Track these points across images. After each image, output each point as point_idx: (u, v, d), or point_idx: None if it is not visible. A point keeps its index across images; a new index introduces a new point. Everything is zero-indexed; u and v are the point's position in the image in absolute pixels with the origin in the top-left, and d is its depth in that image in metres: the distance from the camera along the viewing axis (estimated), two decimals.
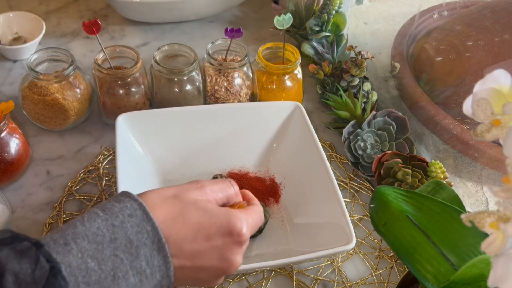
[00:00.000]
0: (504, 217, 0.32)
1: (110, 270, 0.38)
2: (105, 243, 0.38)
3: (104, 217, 0.40)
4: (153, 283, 0.40)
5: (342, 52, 0.88)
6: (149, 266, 0.40)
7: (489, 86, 0.35)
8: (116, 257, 0.38)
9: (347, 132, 0.78)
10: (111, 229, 0.39)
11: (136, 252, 0.39)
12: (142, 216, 0.40)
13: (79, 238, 0.38)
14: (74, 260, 0.37)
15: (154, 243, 0.40)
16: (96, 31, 0.72)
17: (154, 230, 0.40)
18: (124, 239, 0.39)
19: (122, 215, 0.40)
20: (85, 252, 0.38)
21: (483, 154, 0.75)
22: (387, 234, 0.49)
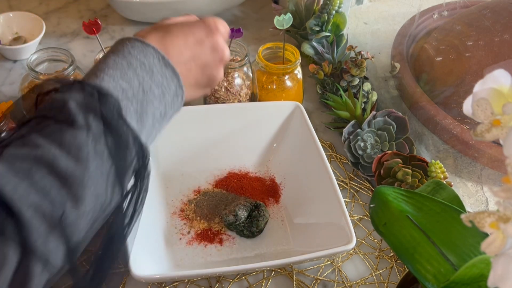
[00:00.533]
0: (504, 217, 0.32)
1: (138, 86, 0.46)
2: (125, 68, 0.46)
3: (113, 54, 0.47)
4: (171, 94, 0.49)
5: (342, 52, 0.88)
6: (164, 79, 0.48)
7: (489, 86, 0.35)
8: (138, 76, 0.46)
9: (347, 132, 0.78)
10: (124, 59, 0.47)
11: (151, 70, 0.47)
12: (141, 44, 0.48)
13: (104, 70, 0.45)
14: (110, 84, 0.44)
15: (160, 60, 0.48)
16: (96, 31, 0.72)
17: (155, 50, 0.48)
18: (138, 63, 0.47)
19: (127, 48, 0.48)
20: (114, 76, 0.45)
21: (483, 154, 0.75)
22: (387, 234, 0.49)
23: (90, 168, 0.40)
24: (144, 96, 0.46)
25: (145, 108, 0.46)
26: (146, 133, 0.46)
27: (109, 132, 0.42)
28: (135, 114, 0.45)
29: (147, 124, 0.46)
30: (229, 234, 0.69)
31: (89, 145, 0.40)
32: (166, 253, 0.66)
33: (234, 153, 0.77)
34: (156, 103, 0.47)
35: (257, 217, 0.68)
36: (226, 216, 0.68)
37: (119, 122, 0.43)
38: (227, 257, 0.66)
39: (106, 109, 0.42)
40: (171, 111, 0.50)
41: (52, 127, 0.40)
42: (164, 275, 0.61)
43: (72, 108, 0.41)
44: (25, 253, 0.36)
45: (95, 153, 0.40)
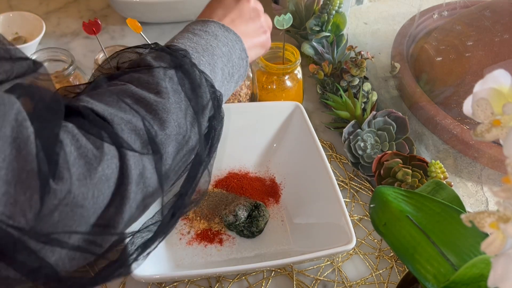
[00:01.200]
0: (504, 217, 0.32)
1: (206, 43, 0.51)
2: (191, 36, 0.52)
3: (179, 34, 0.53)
4: (237, 55, 0.54)
5: (342, 52, 0.88)
6: (229, 40, 0.53)
7: (489, 86, 0.35)
8: (203, 38, 0.52)
9: (347, 132, 0.78)
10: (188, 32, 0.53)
11: (215, 34, 0.53)
12: (202, 21, 0.54)
13: (172, 41, 0.52)
14: (181, 45, 0.50)
15: (221, 27, 0.54)
16: (96, 31, 0.72)
17: (215, 22, 0.54)
18: (201, 32, 0.53)
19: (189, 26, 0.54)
20: (183, 43, 0.51)
21: (483, 154, 0.75)
22: (387, 234, 0.49)
23: (170, 98, 0.45)
24: (213, 50, 0.51)
25: (215, 61, 0.51)
26: (218, 85, 0.51)
27: (184, 75, 0.47)
28: (208, 65, 0.50)
29: (218, 77, 0.51)
30: (229, 234, 0.69)
31: (166, 81, 0.46)
32: (166, 253, 0.66)
33: (234, 153, 0.77)
34: (225, 60, 0.52)
35: (257, 217, 0.68)
36: (226, 216, 0.68)
37: (191, 67, 0.48)
38: (227, 257, 0.66)
39: (177, 57, 0.48)
40: (237, 74, 0.54)
41: (131, 73, 0.46)
42: (164, 275, 0.61)
43: (147, 59, 0.47)
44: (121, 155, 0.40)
45: (173, 90, 0.46)
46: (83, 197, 0.37)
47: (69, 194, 0.37)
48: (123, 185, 0.40)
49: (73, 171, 0.37)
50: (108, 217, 0.40)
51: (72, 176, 0.37)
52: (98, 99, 0.42)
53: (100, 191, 0.39)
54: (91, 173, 0.38)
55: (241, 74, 0.55)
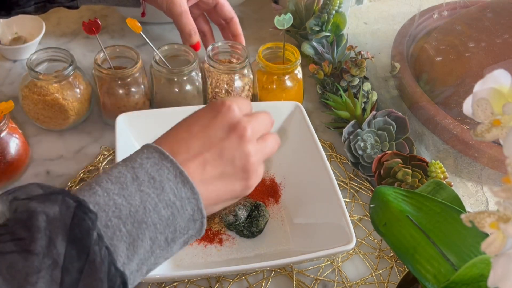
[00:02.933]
0: (504, 217, 0.32)
1: (139, 203, 0.39)
2: (128, 182, 0.40)
3: (123, 164, 0.42)
4: (185, 218, 0.41)
5: (342, 52, 0.88)
6: (178, 199, 0.41)
7: (489, 86, 0.35)
8: (142, 192, 0.40)
9: (347, 132, 0.78)
10: (131, 171, 0.41)
11: (161, 187, 0.40)
12: (159, 156, 0.42)
13: (102, 182, 0.40)
14: (101, 199, 0.38)
15: (177, 176, 0.41)
16: (96, 31, 0.72)
17: (173, 165, 0.41)
18: (146, 177, 0.40)
19: (140, 158, 0.42)
20: (110, 191, 0.39)
21: (483, 154, 0.75)
22: (387, 234, 0.49)
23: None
24: (144, 217, 0.39)
25: (143, 231, 0.39)
26: (139, 260, 0.40)
27: (77, 255, 0.36)
28: (127, 237, 0.38)
29: (141, 250, 0.39)
30: (229, 234, 0.69)
31: (42, 271, 0.34)
32: None
33: None
34: (161, 226, 0.40)
35: (257, 217, 0.68)
36: (226, 216, 0.68)
37: (91, 246, 0.36)
38: (227, 257, 0.66)
39: (79, 227, 0.36)
40: (183, 237, 0.42)
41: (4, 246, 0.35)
42: (164, 275, 0.61)
43: (37, 224, 0.35)
44: None
45: (50, 281, 0.34)
46: None
47: None
48: None
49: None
50: None
51: None
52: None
53: None
54: None
55: (192, 234, 0.43)
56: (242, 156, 0.45)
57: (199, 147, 0.44)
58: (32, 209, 0.36)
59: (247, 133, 0.46)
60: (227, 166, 0.45)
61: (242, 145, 0.45)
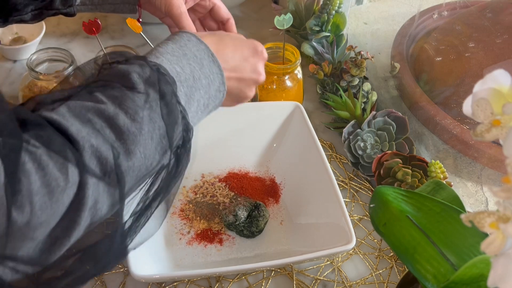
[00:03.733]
0: (504, 217, 0.32)
1: (190, 73, 0.51)
2: (181, 56, 0.51)
3: (172, 42, 0.53)
4: (215, 87, 0.53)
5: (342, 52, 0.88)
6: (211, 72, 0.53)
7: (489, 86, 0.35)
8: (191, 65, 0.51)
9: (347, 132, 0.78)
10: (180, 48, 0.52)
11: (201, 63, 0.52)
12: (196, 40, 0.53)
13: (164, 54, 0.51)
14: (167, 66, 0.49)
15: (210, 56, 0.53)
16: (96, 31, 0.72)
17: (207, 48, 0.53)
18: (191, 54, 0.52)
19: (183, 40, 0.53)
20: (171, 61, 0.50)
21: (483, 154, 0.75)
22: (387, 234, 0.49)
23: (143, 129, 0.44)
24: (194, 83, 0.51)
25: (193, 93, 0.51)
26: (191, 116, 0.51)
27: (164, 104, 0.47)
28: (185, 96, 0.50)
29: (192, 108, 0.51)
30: (229, 234, 0.69)
31: (145, 110, 0.45)
32: (166, 253, 0.66)
33: (234, 153, 0.77)
34: (203, 92, 0.52)
35: (257, 217, 0.68)
36: (226, 216, 0.68)
37: (172, 98, 0.48)
38: (227, 257, 0.66)
39: (163, 84, 0.47)
40: (212, 105, 0.54)
41: (116, 90, 0.45)
42: (164, 275, 0.61)
43: (134, 77, 0.46)
44: (82, 183, 0.40)
45: (149, 118, 0.45)
46: (39, 225, 0.38)
47: (27, 224, 0.37)
48: (77, 211, 0.40)
49: (35, 200, 0.37)
50: (55, 237, 0.40)
51: (34, 207, 0.37)
52: (75, 115, 0.42)
53: (56, 219, 0.39)
54: (52, 203, 0.38)
55: (216, 104, 0.55)
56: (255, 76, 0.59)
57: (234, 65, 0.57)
58: (125, 69, 0.46)
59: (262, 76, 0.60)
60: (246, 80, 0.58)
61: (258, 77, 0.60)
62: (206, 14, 0.74)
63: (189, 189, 0.73)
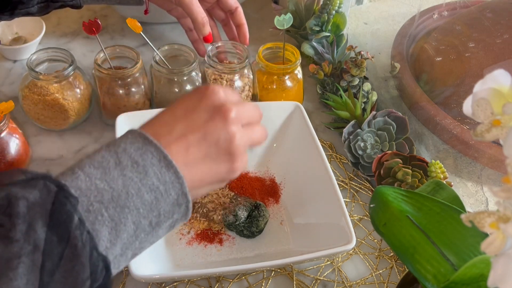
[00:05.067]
0: (504, 217, 0.32)
1: (122, 188, 0.39)
2: (111, 167, 0.40)
3: (106, 149, 0.41)
4: (170, 202, 0.41)
5: (342, 52, 0.88)
6: (161, 183, 0.40)
7: (489, 86, 0.35)
8: (125, 176, 0.39)
9: (347, 132, 0.78)
10: (114, 155, 0.40)
11: (145, 171, 0.40)
12: (143, 140, 0.41)
13: (85, 167, 0.39)
14: (83, 183, 0.38)
15: (161, 161, 0.41)
16: (96, 31, 0.72)
17: (157, 150, 0.41)
18: (129, 161, 0.40)
19: (124, 143, 0.41)
20: (92, 176, 0.39)
21: (483, 154, 0.75)
22: (387, 234, 0.49)
23: (17, 284, 0.34)
24: (127, 202, 0.39)
25: (125, 215, 0.39)
26: (123, 245, 0.40)
27: (57, 240, 0.36)
28: (110, 221, 0.38)
29: (124, 235, 0.39)
30: (229, 234, 0.69)
31: (22, 257, 0.34)
32: (166, 253, 0.66)
33: None
34: (144, 211, 0.40)
35: (257, 217, 0.68)
36: (226, 216, 0.68)
37: (72, 230, 0.36)
38: (227, 257, 0.66)
39: (60, 212, 0.36)
40: (168, 221, 0.42)
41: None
42: (164, 275, 0.61)
43: (17, 210, 0.35)
44: None
45: (31, 266, 0.34)
46: None
47: None
48: None
49: None
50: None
51: None
52: None
53: None
54: None
55: (177, 218, 0.43)
56: (226, 138, 0.45)
57: (183, 129, 0.44)
58: (13, 195, 0.36)
59: (231, 114, 0.45)
60: (211, 148, 0.44)
61: (227, 126, 0.45)
62: (214, 4, 0.72)
63: None
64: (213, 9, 0.73)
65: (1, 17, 0.67)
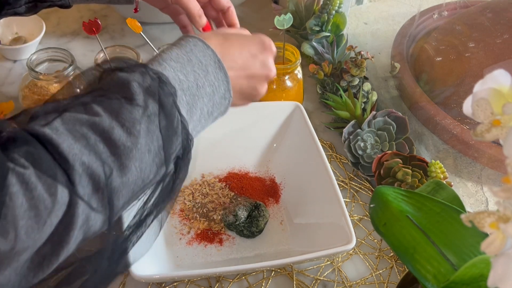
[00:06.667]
0: (504, 217, 0.32)
1: (193, 80, 0.49)
2: (185, 63, 0.50)
3: (177, 48, 0.51)
4: (220, 95, 0.52)
5: (342, 52, 0.88)
6: (216, 80, 0.51)
7: (489, 86, 0.35)
8: (195, 72, 0.50)
9: (347, 132, 0.78)
10: (185, 54, 0.50)
11: (206, 69, 0.51)
12: (202, 44, 0.52)
13: (167, 60, 0.49)
14: (170, 73, 0.48)
15: (216, 62, 0.51)
16: (96, 31, 0.72)
17: (213, 54, 0.52)
18: (196, 60, 0.50)
19: (189, 45, 0.51)
20: (175, 68, 0.49)
21: (483, 154, 0.75)
22: (387, 234, 0.49)
23: (140, 143, 0.43)
24: (197, 91, 0.49)
25: (196, 101, 0.49)
26: (193, 125, 0.50)
27: (163, 115, 0.46)
28: (187, 105, 0.49)
29: (194, 117, 0.50)
30: (229, 234, 0.69)
31: (143, 122, 0.44)
32: (166, 253, 0.66)
33: (234, 153, 0.76)
34: (206, 100, 0.50)
35: (257, 217, 0.68)
36: (226, 216, 0.68)
37: (172, 109, 0.46)
38: (227, 257, 0.66)
39: (163, 94, 0.46)
40: (217, 112, 0.53)
41: (113, 101, 0.44)
42: (164, 275, 0.61)
43: (133, 87, 0.44)
44: (71, 202, 0.39)
45: (147, 130, 0.44)
46: (25, 249, 0.37)
47: (11, 250, 0.36)
48: (66, 231, 0.39)
49: (21, 224, 0.36)
50: (43, 255, 0.38)
51: (19, 233, 0.36)
52: (68, 130, 0.40)
53: (43, 238, 0.38)
54: (39, 226, 0.37)
55: (221, 111, 0.54)
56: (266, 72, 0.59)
57: (242, 64, 0.56)
58: (125, 78, 0.45)
59: (273, 71, 0.60)
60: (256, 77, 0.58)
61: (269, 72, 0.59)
62: (206, 3, 0.73)
63: (189, 189, 0.73)
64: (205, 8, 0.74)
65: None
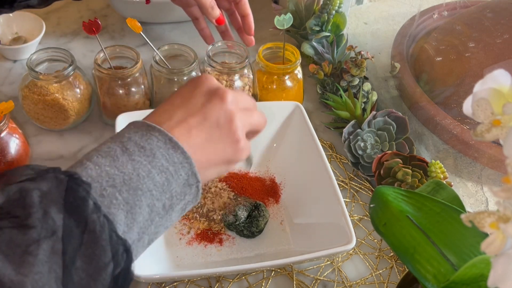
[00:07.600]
0: (504, 217, 0.32)
1: (132, 171, 0.39)
2: (118, 154, 0.40)
3: (111, 140, 0.42)
4: (181, 183, 0.41)
5: (342, 52, 0.88)
6: (170, 164, 0.41)
7: (489, 86, 0.35)
8: (134, 160, 0.40)
9: (347, 132, 0.78)
10: (120, 144, 0.41)
11: (152, 154, 0.40)
12: (146, 127, 0.42)
13: (93, 157, 0.40)
14: (93, 171, 0.39)
15: (167, 143, 0.41)
16: (96, 31, 0.72)
17: (161, 133, 0.42)
18: (136, 147, 0.40)
19: (128, 133, 0.42)
20: (102, 164, 0.39)
21: (483, 154, 0.75)
22: (387, 234, 0.49)
23: (37, 272, 0.34)
24: (139, 183, 0.39)
25: (139, 197, 0.39)
26: (139, 229, 0.40)
27: (75, 225, 0.36)
28: (125, 204, 0.38)
29: (140, 218, 0.39)
30: (229, 234, 0.69)
31: (42, 242, 0.34)
32: (166, 253, 0.66)
33: None
34: (157, 193, 0.40)
35: (257, 217, 0.68)
36: (226, 216, 0.68)
37: (89, 215, 0.36)
38: (227, 257, 0.66)
39: (73, 198, 0.36)
40: (181, 203, 0.43)
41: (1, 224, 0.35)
42: (164, 275, 0.61)
43: (31, 200, 0.35)
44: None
45: (51, 252, 0.34)
46: None
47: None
48: None
49: None
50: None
51: None
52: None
53: None
54: None
55: (188, 200, 0.43)
56: (226, 116, 0.45)
57: (182, 114, 0.45)
58: (25, 188, 0.36)
59: (228, 96, 0.46)
60: (213, 129, 0.45)
61: (224, 106, 0.45)
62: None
63: None
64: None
65: (1, 10, 0.67)
